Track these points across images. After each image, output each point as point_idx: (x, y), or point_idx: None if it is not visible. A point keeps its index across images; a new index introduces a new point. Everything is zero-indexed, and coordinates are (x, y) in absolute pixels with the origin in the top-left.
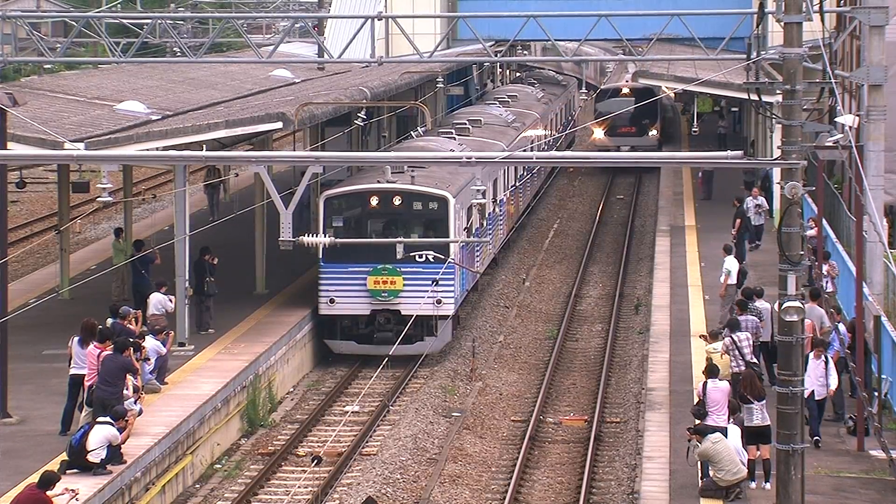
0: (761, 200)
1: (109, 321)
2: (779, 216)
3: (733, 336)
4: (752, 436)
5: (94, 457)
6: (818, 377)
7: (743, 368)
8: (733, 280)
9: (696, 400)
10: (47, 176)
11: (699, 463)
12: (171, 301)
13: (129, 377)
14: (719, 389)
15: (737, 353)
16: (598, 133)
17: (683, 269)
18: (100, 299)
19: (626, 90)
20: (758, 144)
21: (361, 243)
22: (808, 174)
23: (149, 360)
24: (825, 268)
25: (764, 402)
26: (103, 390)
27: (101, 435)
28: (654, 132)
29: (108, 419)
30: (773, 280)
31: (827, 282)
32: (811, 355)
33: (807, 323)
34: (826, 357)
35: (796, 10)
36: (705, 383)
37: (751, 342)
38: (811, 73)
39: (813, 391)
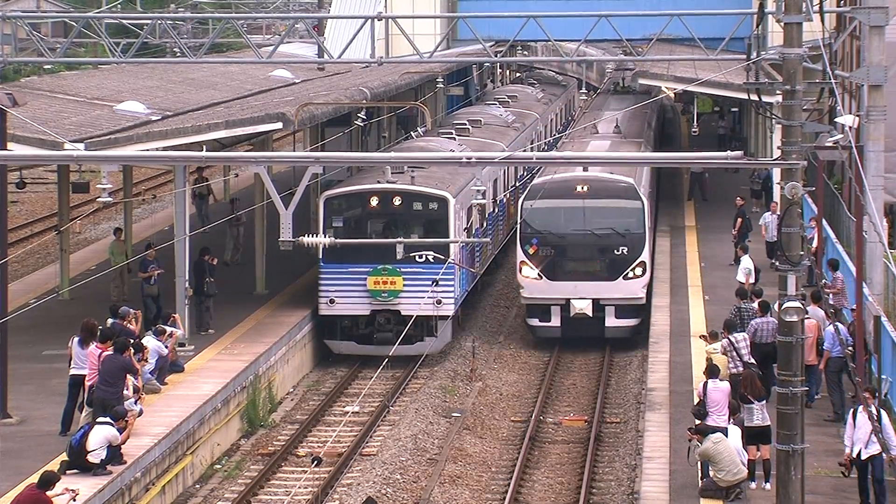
0: None
1: (109, 321)
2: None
3: (731, 337)
4: (753, 436)
5: (94, 457)
6: (867, 432)
7: (741, 369)
8: (753, 279)
9: (696, 400)
10: (47, 176)
11: (699, 463)
12: (166, 347)
13: (130, 377)
14: (720, 390)
15: (734, 353)
16: (529, 272)
17: (683, 269)
18: (100, 299)
19: (581, 187)
20: (749, 140)
21: (361, 243)
22: (808, 174)
23: (147, 360)
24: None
25: (764, 402)
26: (103, 390)
27: (101, 435)
28: (639, 271)
29: (108, 419)
30: (772, 280)
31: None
32: (860, 407)
33: (810, 323)
34: (878, 409)
35: (796, 10)
36: (706, 383)
37: (748, 343)
38: (811, 74)
39: (860, 451)
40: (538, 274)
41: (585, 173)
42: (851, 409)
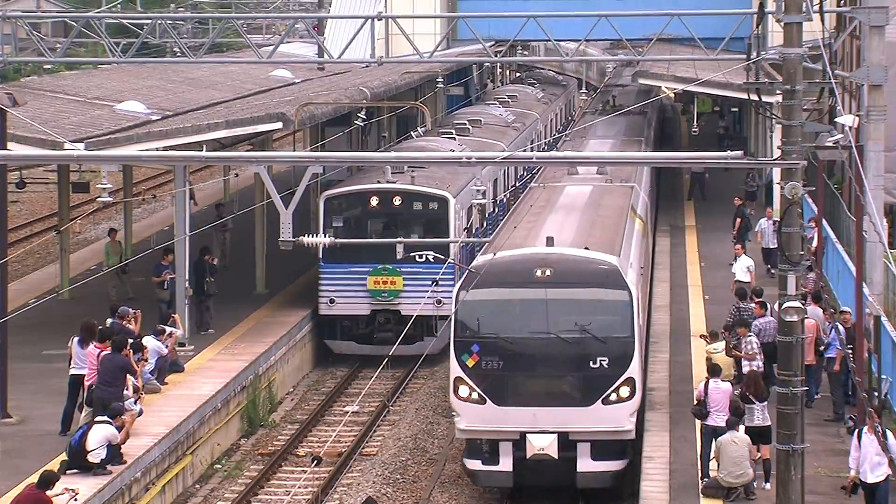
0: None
1: (109, 321)
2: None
3: (748, 337)
4: (753, 436)
5: (94, 457)
6: (876, 453)
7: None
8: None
9: (696, 400)
10: (47, 176)
11: (699, 461)
12: (166, 347)
13: (130, 377)
14: (720, 389)
15: (752, 351)
16: (468, 392)
17: (683, 269)
18: (100, 299)
19: (542, 270)
20: (749, 140)
21: (361, 243)
22: (808, 174)
23: (147, 360)
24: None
25: (765, 402)
26: (103, 390)
27: (100, 435)
28: (625, 392)
29: (106, 418)
30: (770, 283)
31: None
32: (864, 428)
33: (809, 323)
34: (883, 429)
35: (796, 10)
36: (706, 383)
37: (758, 343)
38: (811, 73)
39: (866, 474)
40: (480, 396)
41: (548, 250)
42: (856, 430)
